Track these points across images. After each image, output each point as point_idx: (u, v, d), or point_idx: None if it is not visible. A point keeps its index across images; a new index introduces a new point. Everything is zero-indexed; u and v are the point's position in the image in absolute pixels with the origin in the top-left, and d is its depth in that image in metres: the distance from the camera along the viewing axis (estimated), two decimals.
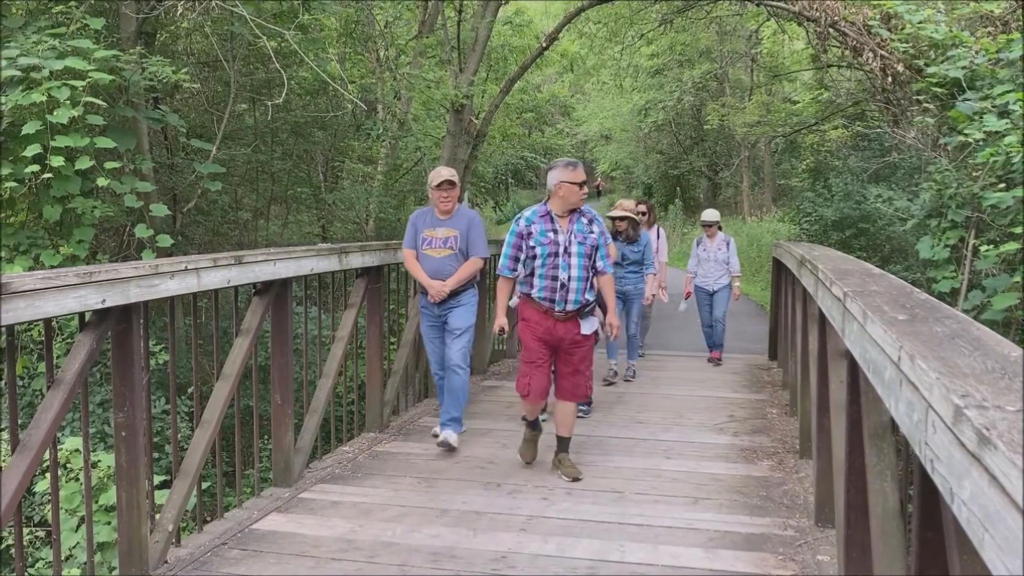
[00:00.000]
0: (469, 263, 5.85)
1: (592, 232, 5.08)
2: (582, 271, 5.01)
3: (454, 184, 5.91)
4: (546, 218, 5.06)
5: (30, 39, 6.36)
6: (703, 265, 9.31)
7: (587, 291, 5.07)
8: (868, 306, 2.51)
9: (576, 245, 5.01)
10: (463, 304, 5.89)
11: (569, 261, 4.99)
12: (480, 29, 11.10)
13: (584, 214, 5.10)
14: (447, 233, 5.84)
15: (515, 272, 5.15)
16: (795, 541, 4.18)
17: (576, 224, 5.05)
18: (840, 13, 9.57)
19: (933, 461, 1.60)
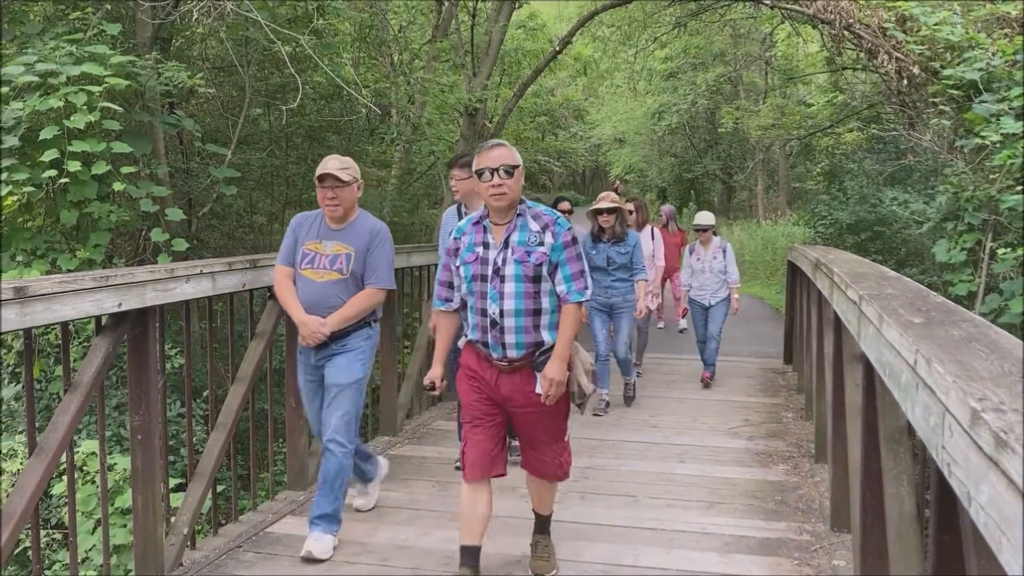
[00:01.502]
0: (363, 295, 4.18)
1: (541, 245, 3.48)
2: (523, 301, 3.47)
3: (344, 182, 4.13)
4: (479, 227, 3.60)
5: (48, 45, 6.42)
6: (697, 277, 8.22)
7: (542, 329, 3.52)
8: (884, 309, 2.50)
9: (513, 265, 3.46)
10: (349, 351, 4.21)
11: (501, 288, 3.47)
12: (494, 33, 11.11)
13: (538, 218, 3.55)
14: (337, 249, 4.19)
15: (452, 303, 3.71)
16: (811, 546, 4.16)
17: (517, 234, 3.51)
18: (855, 15, 9.52)
19: (950, 465, 1.59)
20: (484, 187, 3.47)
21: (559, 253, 3.50)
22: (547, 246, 3.48)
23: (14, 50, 6.62)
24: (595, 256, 6.80)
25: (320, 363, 4.24)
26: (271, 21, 7.49)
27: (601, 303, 6.89)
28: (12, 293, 2.93)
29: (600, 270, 6.78)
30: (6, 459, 6.59)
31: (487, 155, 3.49)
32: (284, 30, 7.55)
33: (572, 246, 3.54)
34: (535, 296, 3.49)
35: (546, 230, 3.52)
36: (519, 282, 3.46)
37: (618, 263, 6.84)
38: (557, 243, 3.49)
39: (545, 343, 3.51)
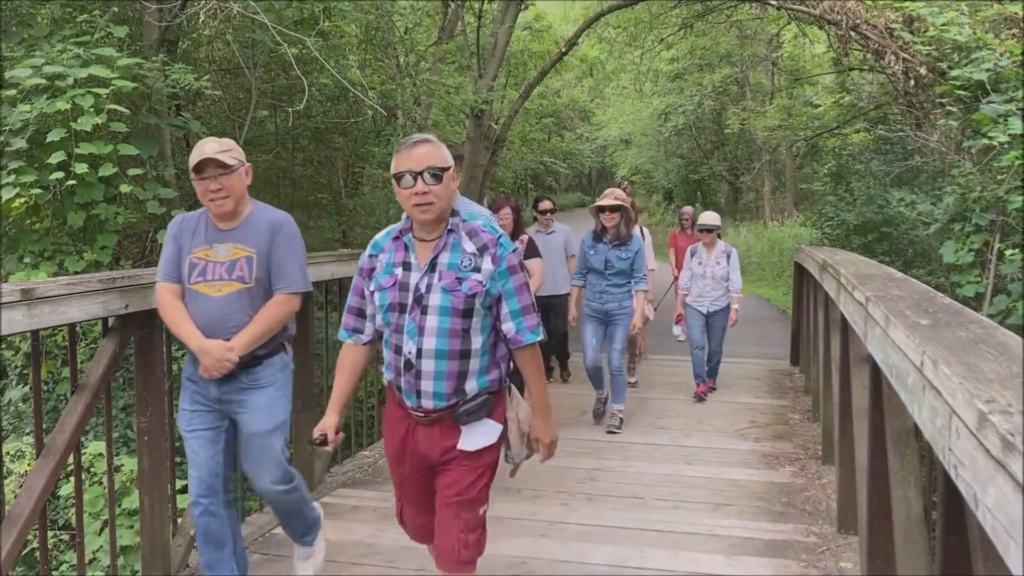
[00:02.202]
0: (272, 305, 3.37)
1: (477, 271, 2.74)
2: (447, 340, 2.72)
3: (229, 167, 3.32)
4: (399, 243, 2.86)
5: (55, 47, 6.45)
6: (697, 282, 7.58)
7: (468, 376, 2.78)
8: (890, 311, 2.49)
9: (440, 294, 2.72)
10: (264, 386, 3.42)
11: (421, 321, 2.73)
12: (499, 34, 11.12)
13: (475, 235, 2.79)
14: (234, 253, 3.38)
15: (361, 336, 2.97)
16: (817, 548, 4.15)
17: (447, 255, 2.76)
18: (862, 16, 9.50)
19: (957, 467, 1.58)
20: (404, 195, 2.70)
21: (503, 282, 2.75)
22: (485, 273, 2.73)
23: (22, 52, 6.65)
24: (592, 257, 6.35)
25: (226, 399, 3.39)
26: (277, 23, 7.51)
27: (594, 309, 6.42)
28: (19, 295, 2.94)
29: (596, 272, 6.35)
30: (14, 460, 6.61)
31: (408, 154, 2.71)
32: (290, 32, 7.57)
33: (519, 272, 2.80)
34: (464, 334, 2.73)
35: (484, 253, 2.75)
36: (445, 316, 2.70)
37: (616, 268, 6.29)
38: (500, 269, 2.74)
39: (468, 392, 2.78)
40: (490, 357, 2.84)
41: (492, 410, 2.86)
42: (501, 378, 2.89)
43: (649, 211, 34.20)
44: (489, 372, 2.84)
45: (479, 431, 2.84)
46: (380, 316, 2.84)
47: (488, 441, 2.86)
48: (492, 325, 2.81)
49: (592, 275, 6.40)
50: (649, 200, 35.40)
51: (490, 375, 2.84)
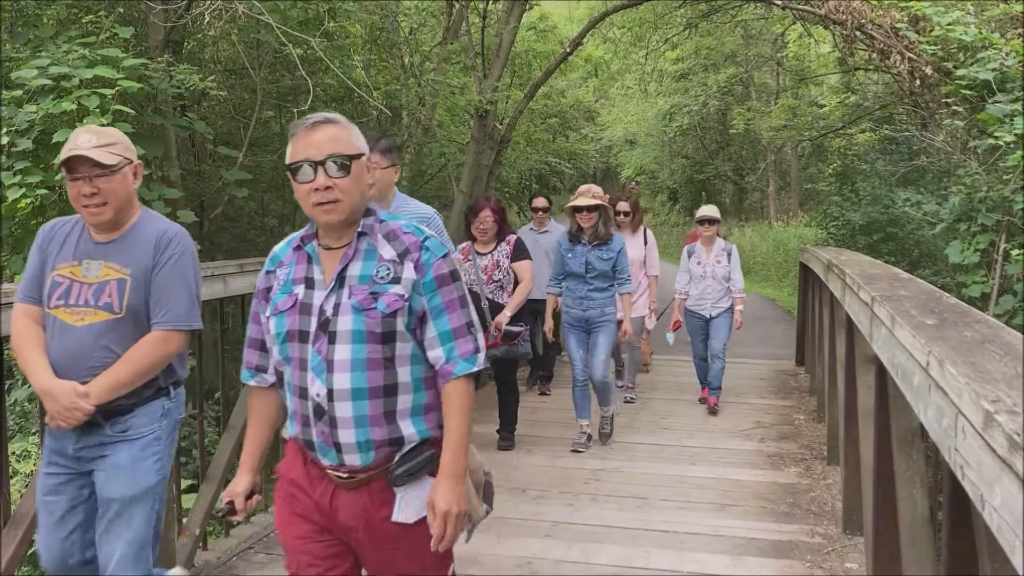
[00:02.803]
0: (145, 345, 2.70)
1: (396, 282, 2.16)
2: (365, 375, 2.13)
3: (108, 166, 2.67)
4: (300, 254, 2.27)
5: (61, 48, 6.46)
6: (696, 283, 7.07)
7: (399, 417, 2.17)
8: (896, 311, 2.49)
9: (351, 315, 2.14)
10: (133, 439, 2.73)
11: (329, 353, 2.13)
12: (504, 35, 11.11)
13: (393, 238, 2.21)
14: (105, 274, 2.71)
15: (267, 376, 2.35)
16: (823, 548, 4.14)
17: (359, 264, 2.19)
18: (867, 16, 9.48)
19: (963, 467, 1.58)
20: (302, 192, 2.14)
21: (430, 295, 2.16)
22: (406, 284, 2.13)
23: (28, 53, 6.66)
24: (571, 260, 5.80)
25: (84, 456, 2.70)
26: (282, 24, 7.51)
27: (575, 317, 5.86)
28: None
29: (575, 277, 5.80)
30: (19, 460, 6.63)
31: (306, 139, 2.14)
32: (295, 32, 7.57)
33: (452, 283, 2.19)
34: (386, 365, 2.12)
35: (406, 258, 2.16)
36: (359, 343, 2.10)
37: (598, 270, 5.73)
38: (426, 278, 2.15)
39: (406, 439, 2.15)
40: (429, 394, 2.20)
41: (436, 466, 2.15)
42: (442, 419, 2.21)
43: (654, 211, 34.18)
44: (428, 412, 2.19)
45: (419, 494, 2.14)
46: (277, 349, 2.20)
47: (421, 511, 2.15)
48: (425, 352, 2.19)
49: (571, 280, 5.85)
50: (654, 200, 35.37)
51: (429, 417, 2.20)
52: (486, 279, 5.84)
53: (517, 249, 5.92)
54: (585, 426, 5.94)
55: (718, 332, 7.02)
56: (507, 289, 5.86)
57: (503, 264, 5.87)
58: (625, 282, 5.86)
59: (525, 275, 5.84)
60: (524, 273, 5.85)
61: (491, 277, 5.86)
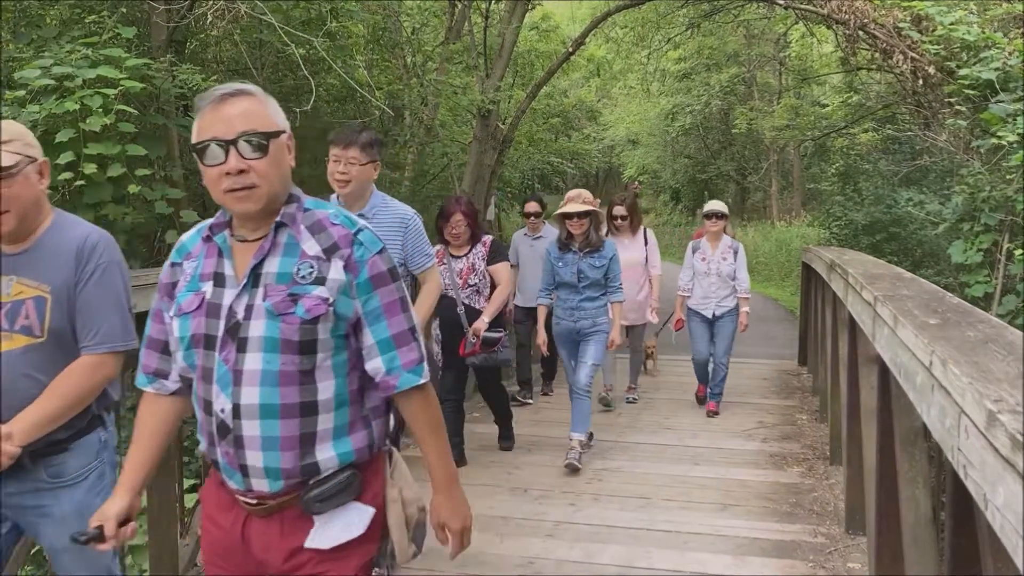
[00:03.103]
0: (75, 372, 2.36)
1: (321, 283, 1.86)
2: (278, 391, 1.84)
3: (5, 170, 2.29)
4: (211, 246, 1.97)
5: (64, 48, 6.48)
6: (700, 281, 6.81)
7: (318, 441, 1.88)
8: (899, 310, 2.48)
9: (264, 319, 1.84)
10: (73, 482, 2.42)
11: (237, 362, 1.85)
12: (506, 35, 11.12)
13: (319, 230, 1.91)
14: (19, 292, 2.36)
15: (165, 383, 2.06)
16: (825, 548, 4.14)
17: (277, 260, 1.89)
18: (870, 15, 9.48)
19: (966, 467, 1.58)
20: (212, 176, 1.82)
21: (365, 298, 1.87)
22: (333, 286, 1.83)
23: (31, 53, 6.68)
24: (561, 269, 5.54)
25: (18, 504, 2.39)
26: (285, 24, 7.52)
27: (565, 328, 5.61)
28: None
29: (567, 287, 5.55)
30: None
31: (215, 113, 1.82)
32: (298, 32, 7.58)
33: (390, 283, 1.90)
34: (304, 379, 1.83)
35: (334, 255, 1.85)
36: (272, 353, 1.81)
37: (590, 279, 5.48)
38: (360, 278, 1.86)
39: (322, 466, 1.86)
40: (354, 410, 1.90)
41: (361, 490, 1.92)
42: (376, 440, 1.96)
43: (656, 211, 34.17)
44: (353, 432, 1.90)
45: (339, 520, 1.90)
46: (181, 355, 1.91)
47: (353, 534, 1.91)
48: (354, 362, 1.90)
49: (562, 290, 5.59)
50: (656, 200, 35.37)
51: (355, 437, 1.91)
52: (461, 283, 5.40)
53: (493, 251, 5.46)
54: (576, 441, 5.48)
55: (723, 338, 6.77)
56: (483, 293, 5.43)
57: (479, 267, 5.41)
58: (616, 290, 5.56)
59: (503, 278, 5.44)
60: (502, 276, 5.43)
61: (466, 281, 5.41)
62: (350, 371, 1.90)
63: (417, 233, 3.86)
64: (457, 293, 5.38)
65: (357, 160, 3.69)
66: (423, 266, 3.93)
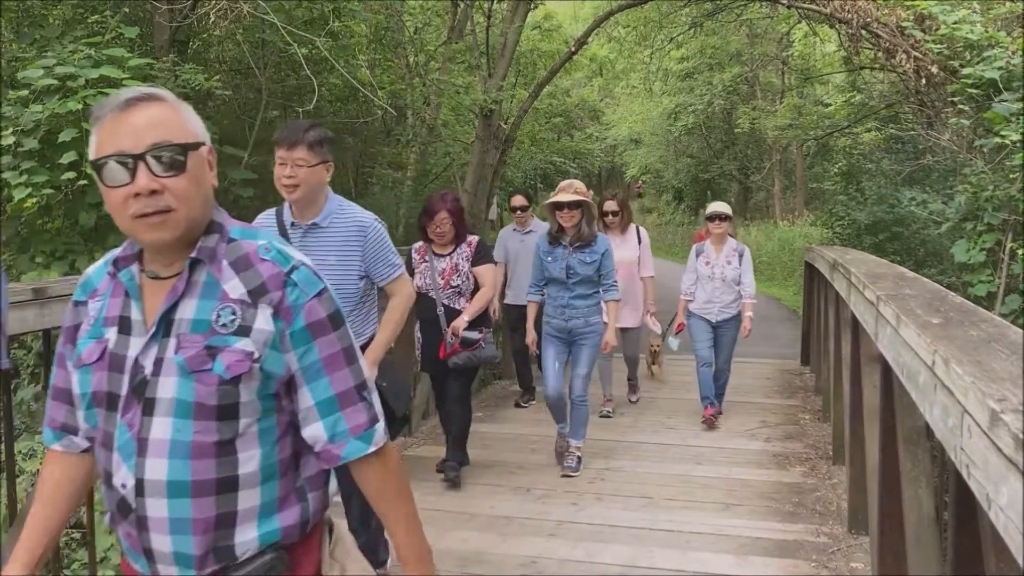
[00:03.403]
0: None
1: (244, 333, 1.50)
2: (188, 463, 1.48)
3: None
4: (116, 284, 1.61)
5: (67, 48, 6.49)
6: (704, 285, 6.53)
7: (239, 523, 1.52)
8: (902, 310, 2.48)
9: (176, 376, 1.48)
10: None
11: (142, 428, 1.49)
12: (509, 34, 11.12)
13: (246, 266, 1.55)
14: None
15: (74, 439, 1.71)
16: (828, 548, 4.13)
17: (194, 303, 1.53)
18: (873, 15, 9.47)
19: (969, 466, 1.57)
20: (115, 199, 1.49)
21: (302, 351, 1.55)
22: (259, 338, 1.51)
23: (34, 53, 6.69)
24: (551, 264, 5.25)
25: None
26: (287, 23, 7.53)
27: (556, 327, 5.29)
28: (31, 294, 2.96)
29: (557, 283, 5.26)
30: (26, 459, 6.64)
31: (119, 123, 1.49)
32: (300, 32, 7.59)
33: (331, 332, 1.57)
34: (222, 451, 1.50)
35: (261, 300, 1.53)
36: (184, 418, 1.49)
37: (581, 275, 5.17)
38: (295, 327, 1.53)
39: (239, 549, 1.54)
40: (285, 483, 1.57)
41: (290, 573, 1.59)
42: (311, 516, 1.60)
43: (659, 211, 34.17)
44: (284, 508, 1.56)
45: None
46: (83, 415, 1.60)
47: None
48: (286, 426, 1.57)
49: (552, 286, 5.30)
50: (659, 200, 35.36)
51: (285, 514, 1.57)
52: (443, 284, 5.07)
53: (479, 252, 5.14)
54: (564, 430, 5.44)
55: (724, 345, 6.57)
56: (465, 295, 5.12)
57: (463, 268, 5.08)
58: (611, 288, 5.24)
59: (487, 280, 5.12)
60: (486, 278, 5.12)
61: (448, 282, 5.07)
62: (281, 438, 1.57)
63: (379, 242, 3.44)
64: (438, 294, 5.06)
65: (305, 161, 3.28)
66: (388, 277, 3.49)
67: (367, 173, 13.44)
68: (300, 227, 3.34)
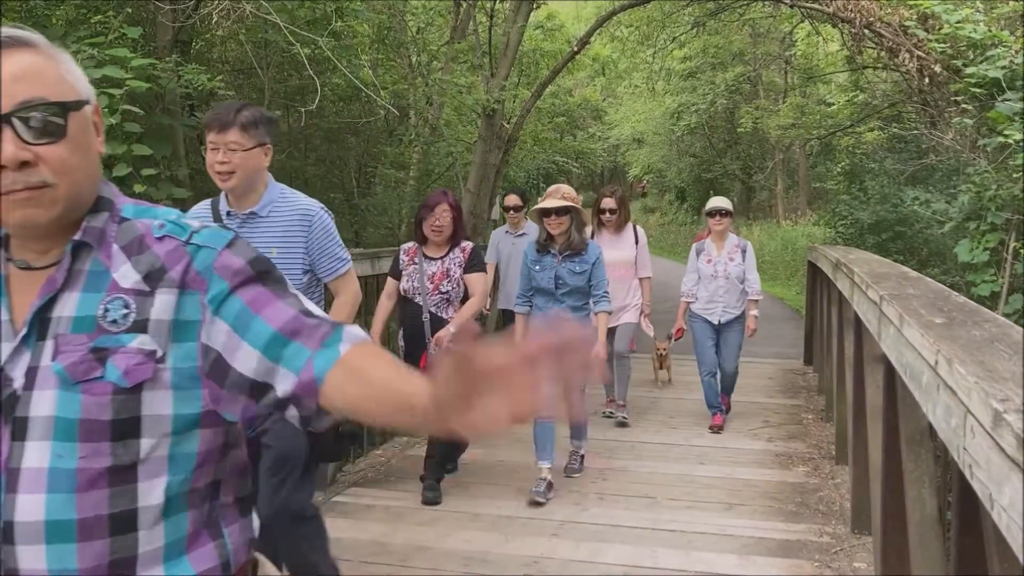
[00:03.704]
0: None
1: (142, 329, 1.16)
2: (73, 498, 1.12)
3: None
4: None
5: (70, 48, 6.48)
6: (706, 285, 6.33)
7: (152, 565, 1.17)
8: (905, 309, 2.48)
9: (54, 387, 1.13)
10: None
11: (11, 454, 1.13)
12: (511, 34, 11.12)
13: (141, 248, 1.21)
14: None
15: None
16: (831, 548, 4.13)
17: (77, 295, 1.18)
18: (876, 14, 9.46)
19: (972, 467, 1.57)
20: None
21: (225, 309, 1.20)
22: (158, 331, 1.18)
23: None
24: (539, 274, 4.91)
25: None
26: (290, 23, 7.53)
27: None
28: None
29: (545, 294, 4.92)
30: None
31: None
32: (303, 32, 7.59)
33: (256, 281, 1.22)
34: (118, 479, 1.15)
35: (159, 283, 1.20)
36: (68, 441, 1.13)
37: (570, 286, 4.84)
38: (213, 290, 1.20)
39: None
40: (196, 516, 1.23)
41: None
42: (229, 556, 1.27)
43: (662, 210, 34.15)
44: (194, 548, 1.22)
45: None
46: None
47: None
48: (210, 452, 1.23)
49: (539, 297, 4.96)
50: (662, 199, 35.34)
51: (199, 555, 1.23)
52: (432, 288, 4.73)
53: (472, 259, 4.82)
54: (546, 471, 4.85)
55: (729, 347, 6.33)
56: (454, 304, 4.81)
57: (454, 274, 4.77)
58: (602, 299, 4.87)
59: (477, 289, 4.79)
60: (476, 287, 4.79)
61: (438, 287, 4.74)
62: (200, 466, 1.22)
63: (324, 231, 3.14)
64: (424, 299, 4.72)
65: (240, 145, 2.96)
66: (335, 271, 3.19)
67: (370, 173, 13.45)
68: (237, 216, 3.07)
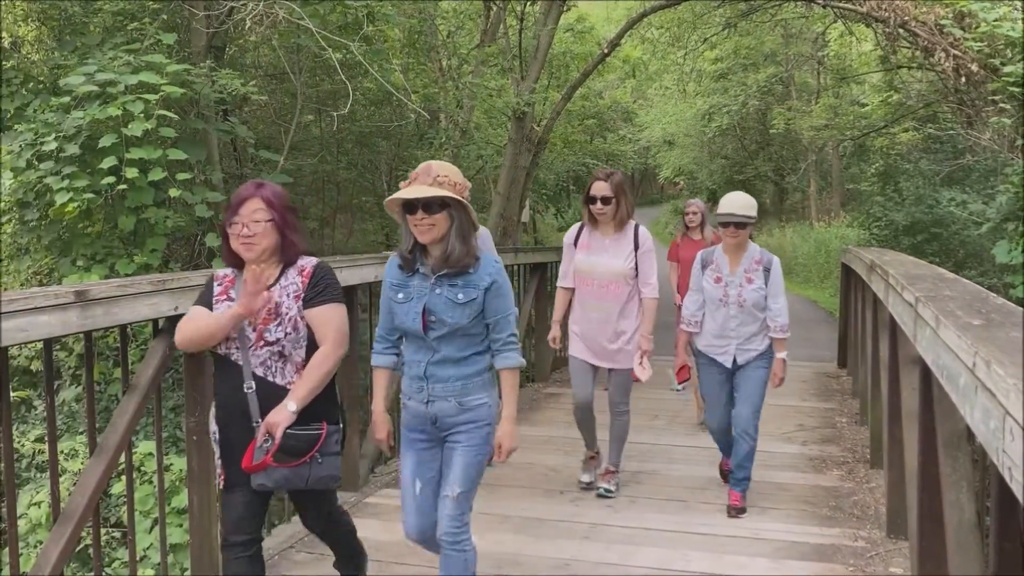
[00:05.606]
0: None
1: None
2: None
3: None
4: None
5: (107, 55, 6.60)
6: (713, 312, 4.58)
7: None
8: (941, 311, 2.45)
9: None
10: None
11: None
12: (542, 36, 11.12)
13: None
14: None
15: None
16: (866, 552, 4.09)
17: None
18: (910, 13, 9.34)
19: (1011, 469, 1.55)
20: None
21: None
22: None
23: (75, 60, 6.82)
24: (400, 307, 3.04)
25: None
26: (322, 28, 7.59)
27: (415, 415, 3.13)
28: (73, 296, 3.01)
29: (414, 340, 3.06)
30: (68, 459, 6.77)
31: None
32: (335, 37, 7.65)
33: None
34: None
35: None
36: None
37: (449, 325, 2.96)
38: None
39: None
40: None
41: None
42: None
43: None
44: None
45: None
46: None
47: None
48: None
49: (408, 346, 3.14)
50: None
51: None
52: (254, 338, 2.93)
53: (317, 283, 3.01)
54: None
55: (747, 396, 4.54)
56: (294, 360, 2.97)
57: (288, 311, 2.96)
58: (509, 349, 3.04)
59: (328, 333, 2.97)
60: (326, 329, 2.97)
61: (262, 336, 2.93)
62: None
63: None
64: (246, 355, 2.94)
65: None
66: None
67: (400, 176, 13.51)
68: None
